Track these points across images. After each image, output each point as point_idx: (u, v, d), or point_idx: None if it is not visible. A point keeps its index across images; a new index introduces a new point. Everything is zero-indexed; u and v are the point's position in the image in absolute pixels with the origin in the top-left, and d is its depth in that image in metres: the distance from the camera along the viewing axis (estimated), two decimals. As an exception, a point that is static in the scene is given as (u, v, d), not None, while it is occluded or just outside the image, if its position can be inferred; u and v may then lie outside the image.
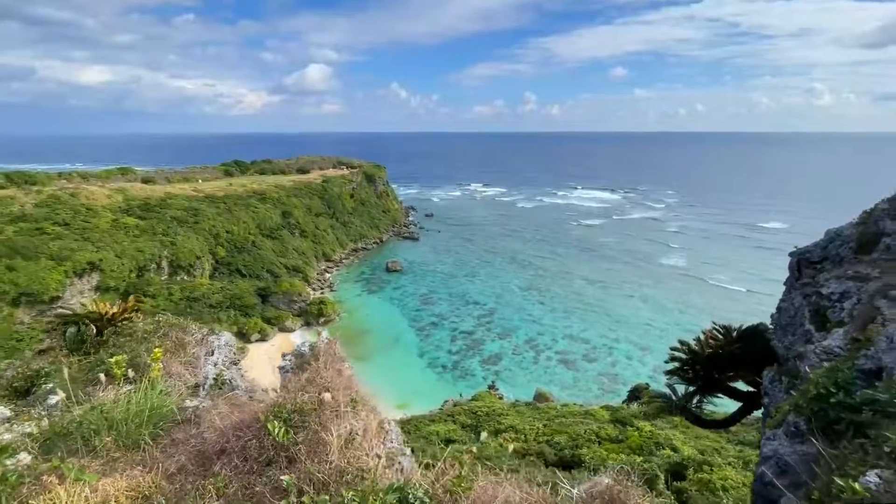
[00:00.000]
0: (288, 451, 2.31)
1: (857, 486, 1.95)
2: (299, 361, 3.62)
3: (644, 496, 2.48)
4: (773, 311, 9.80)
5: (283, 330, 64.60)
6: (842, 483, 2.07)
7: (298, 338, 63.65)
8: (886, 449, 2.33)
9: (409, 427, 34.02)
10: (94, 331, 5.28)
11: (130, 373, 3.59)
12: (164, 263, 64.59)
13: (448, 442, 27.93)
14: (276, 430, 2.45)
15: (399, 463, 2.90)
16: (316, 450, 2.28)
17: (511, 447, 20.15)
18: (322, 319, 66.44)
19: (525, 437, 25.12)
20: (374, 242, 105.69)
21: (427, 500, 2.12)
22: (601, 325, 67.17)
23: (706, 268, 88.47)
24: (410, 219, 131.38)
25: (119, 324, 5.57)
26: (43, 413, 3.41)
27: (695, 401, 13.89)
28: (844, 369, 3.30)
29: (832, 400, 3.17)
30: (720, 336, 13.29)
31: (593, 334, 64.78)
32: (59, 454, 2.75)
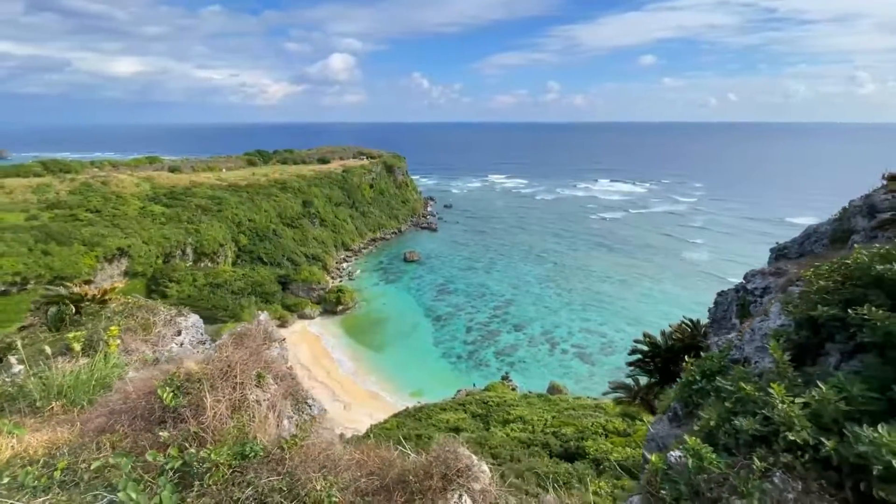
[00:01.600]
0: (177, 412, 2.67)
1: (656, 458, 2.18)
2: (231, 339, 3.90)
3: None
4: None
5: (303, 317, 66.01)
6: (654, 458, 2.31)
7: (325, 325, 65.04)
8: (696, 427, 2.60)
9: (421, 415, 34.53)
10: (73, 310, 5.65)
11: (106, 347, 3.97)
12: (189, 250, 66.46)
13: (456, 430, 28.26)
14: (165, 395, 2.87)
15: (287, 427, 3.19)
16: (198, 412, 2.62)
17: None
18: (340, 308, 67.56)
19: (533, 427, 25.24)
20: (392, 232, 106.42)
21: (261, 453, 2.54)
22: (619, 320, 66.44)
23: (729, 265, 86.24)
24: (429, 209, 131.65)
25: (97, 305, 5.91)
26: (7, 379, 3.81)
27: (655, 391, 13.92)
28: (714, 359, 3.54)
29: (695, 387, 3.55)
30: (688, 329, 13.21)
31: (610, 328, 64.16)
32: (4, 411, 3.11)
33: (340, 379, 54.68)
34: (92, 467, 2.27)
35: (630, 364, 14.57)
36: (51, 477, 2.23)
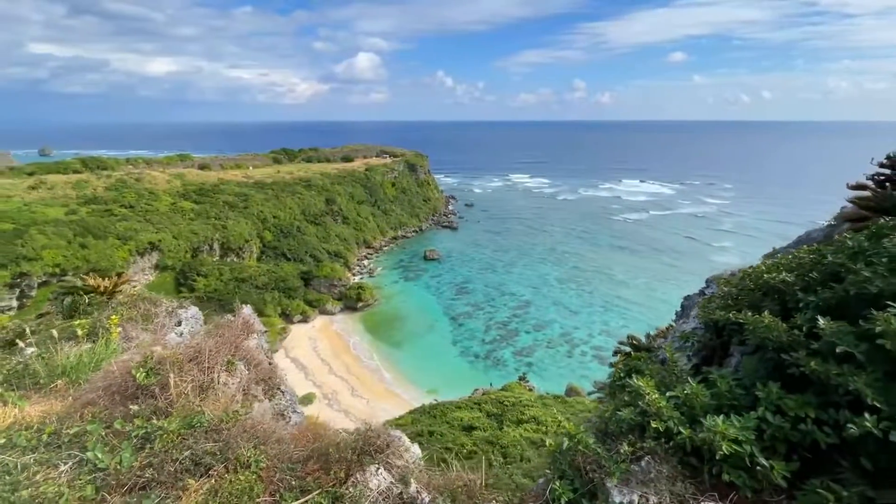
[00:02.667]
0: (148, 390, 3.06)
1: (550, 442, 2.41)
2: (210, 329, 4.28)
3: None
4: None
5: (324, 312, 67.30)
6: None
7: (345, 321, 66.23)
8: (596, 417, 2.75)
9: (436, 412, 34.86)
10: (87, 301, 6.18)
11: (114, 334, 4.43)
12: (216, 245, 68.64)
13: (470, 429, 28.49)
14: (139, 375, 3.28)
15: (256, 408, 3.53)
16: (164, 390, 2.97)
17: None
18: (360, 304, 68.58)
19: (546, 428, 25.29)
20: (413, 231, 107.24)
21: (205, 424, 2.92)
22: (641, 323, 65.23)
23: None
24: (450, 208, 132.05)
25: (109, 296, 6.42)
26: (20, 360, 4.29)
27: None
28: (641, 359, 3.66)
29: (618, 383, 3.84)
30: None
31: (632, 332, 63.15)
32: (12, 386, 3.58)
33: (359, 374, 55.59)
34: (71, 432, 2.67)
35: (612, 365, 14.51)
36: (39, 440, 2.65)
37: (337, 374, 54.90)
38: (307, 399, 49.95)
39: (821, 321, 2.26)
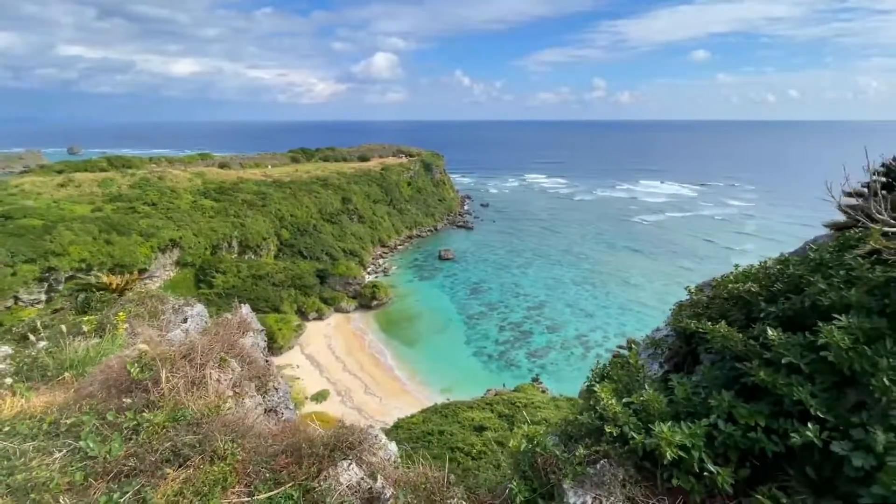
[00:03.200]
0: (141, 384, 3.21)
1: (514, 443, 2.44)
2: (206, 326, 4.42)
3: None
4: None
5: (339, 310, 68.03)
6: None
7: (359, 319, 66.85)
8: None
9: (448, 411, 34.98)
10: (98, 297, 6.44)
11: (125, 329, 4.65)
12: (235, 243, 70.00)
13: (481, 429, 28.52)
14: (133, 370, 3.32)
15: (248, 404, 3.64)
16: (156, 385, 3.10)
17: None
18: (375, 303, 69.11)
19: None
20: (428, 230, 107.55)
21: (189, 416, 3.10)
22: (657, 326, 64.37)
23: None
24: (466, 208, 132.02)
25: (120, 293, 6.68)
26: (33, 353, 4.51)
27: None
28: (615, 365, 3.66)
29: (592, 388, 3.72)
30: None
31: (648, 335, 62.29)
32: (22, 378, 3.79)
33: (373, 372, 56.03)
34: (69, 422, 2.85)
35: (592, 370, 14.35)
36: (40, 428, 2.84)
37: (351, 371, 55.45)
38: (321, 396, 50.58)
39: (770, 332, 2.28)
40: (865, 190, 4.04)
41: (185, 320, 5.53)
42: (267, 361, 4.49)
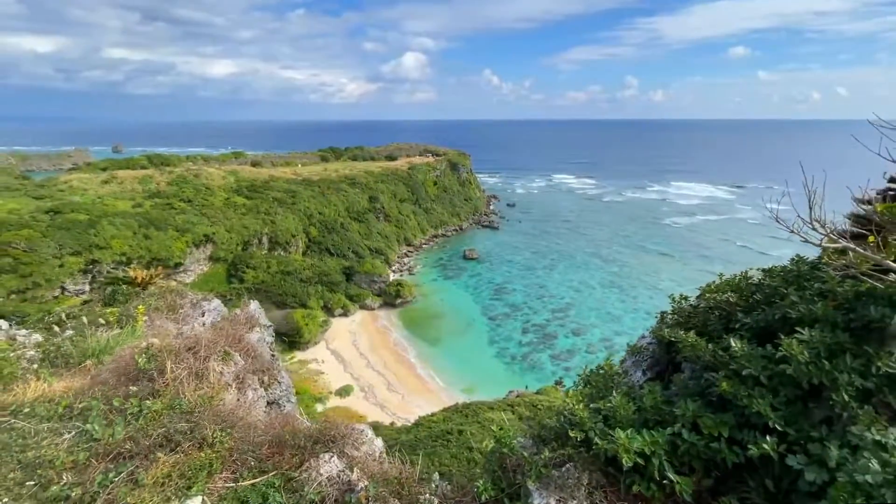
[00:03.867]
0: (147, 374, 3.38)
1: (486, 443, 2.45)
2: (214, 322, 4.61)
3: None
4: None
5: (364, 307, 68.99)
6: None
7: (384, 317, 67.67)
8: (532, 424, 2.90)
9: (469, 411, 35.03)
10: (125, 290, 6.79)
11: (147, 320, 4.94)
12: (265, 239, 71.95)
13: (501, 430, 28.35)
14: (140, 361, 3.48)
15: (250, 396, 3.77)
16: (160, 375, 3.25)
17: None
18: (399, 301, 69.75)
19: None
20: (453, 230, 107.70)
21: (185, 406, 3.13)
22: (686, 331, 62.52)
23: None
24: (491, 208, 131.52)
25: (143, 287, 7.01)
26: (59, 341, 4.81)
27: None
28: (600, 372, 3.56)
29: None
30: None
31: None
32: (48, 364, 4.06)
33: (396, 369, 56.57)
34: (80, 406, 3.08)
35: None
36: (55, 411, 3.08)
37: (374, 367, 56.15)
38: (345, 391, 51.44)
39: (733, 343, 2.24)
40: (879, 198, 3.86)
41: (202, 314, 5.81)
42: (273, 356, 4.68)
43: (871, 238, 2.44)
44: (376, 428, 36.28)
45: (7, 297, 45.50)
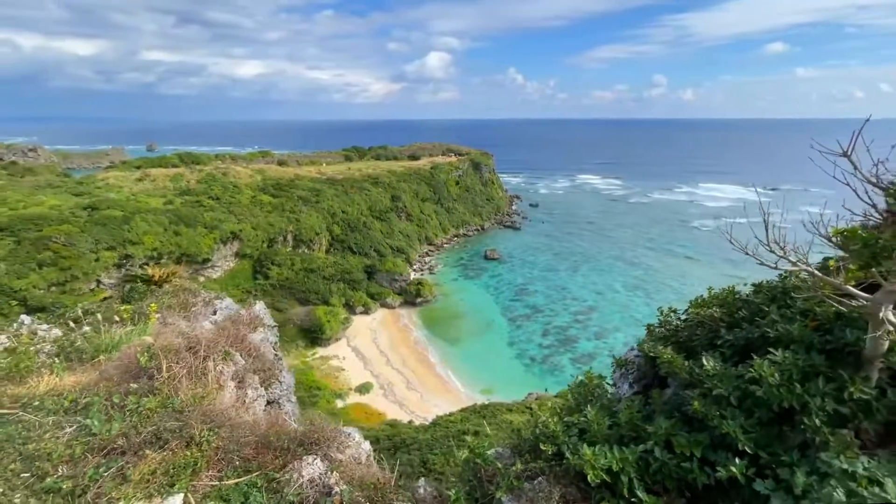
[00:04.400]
0: (147, 371, 3.51)
1: (461, 453, 2.41)
2: (218, 320, 4.73)
3: None
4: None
5: (385, 306, 69.62)
6: None
7: (404, 316, 68.15)
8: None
9: (486, 412, 34.95)
10: (142, 288, 7.04)
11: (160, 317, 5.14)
12: (290, 237, 73.39)
13: (519, 433, 28.20)
14: (142, 359, 3.59)
15: (250, 394, 3.87)
16: (159, 373, 3.37)
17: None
18: (419, 300, 70.10)
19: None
20: (475, 229, 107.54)
21: (176, 403, 3.19)
22: (713, 337, 60.78)
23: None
24: (514, 208, 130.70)
25: (159, 285, 7.26)
26: (74, 336, 5.02)
27: None
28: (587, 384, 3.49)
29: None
30: None
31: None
32: (63, 359, 4.27)
33: (415, 368, 56.90)
34: (84, 401, 3.23)
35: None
36: (61, 405, 3.24)
37: (394, 366, 56.61)
38: (365, 388, 52.03)
39: (705, 362, 2.16)
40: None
41: (214, 312, 5.99)
42: (277, 356, 4.79)
43: (831, 262, 2.35)
44: (393, 426, 36.59)
45: (48, 289, 47.77)
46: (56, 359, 4.42)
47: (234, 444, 2.96)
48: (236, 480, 2.63)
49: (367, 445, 3.19)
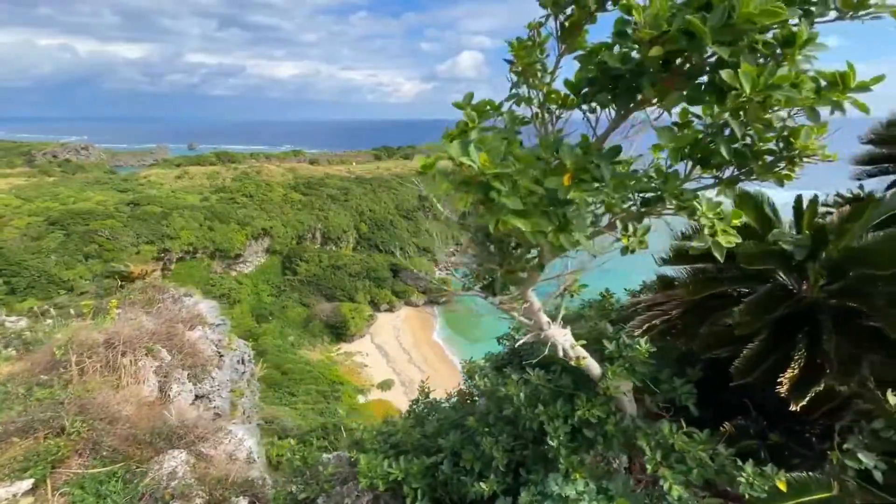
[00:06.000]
0: (63, 363, 3.75)
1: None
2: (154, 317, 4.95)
3: None
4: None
5: (409, 304, 70.21)
6: None
7: (424, 314, 68.56)
8: None
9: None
10: (120, 284, 7.36)
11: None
12: (318, 234, 75.11)
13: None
14: (57, 352, 3.83)
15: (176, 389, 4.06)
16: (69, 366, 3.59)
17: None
18: (443, 299, 70.19)
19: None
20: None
21: (72, 395, 3.25)
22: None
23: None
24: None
25: (131, 282, 7.59)
26: (35, 329, 5.33)
27: None
28: None
29: None
30: None
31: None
32: (11, 349, 4.59)
33: (437, 366, 57.02)
34: (8, 388, 3.50)
35: None
36: None
37: (416, 363, 57.02)
38: (386, 384, 52.67)
39: (477, 379, 2.11)
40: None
41: (180, 310, 6.29)
42: (219, 354, 4.98)
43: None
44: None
45: (92, 280, 50.78)
46: (3, 349, 4.81)
47: (106, 436, 3.17)
48: (99, 469, 2.82)
49: (249, 443, 3.33)
